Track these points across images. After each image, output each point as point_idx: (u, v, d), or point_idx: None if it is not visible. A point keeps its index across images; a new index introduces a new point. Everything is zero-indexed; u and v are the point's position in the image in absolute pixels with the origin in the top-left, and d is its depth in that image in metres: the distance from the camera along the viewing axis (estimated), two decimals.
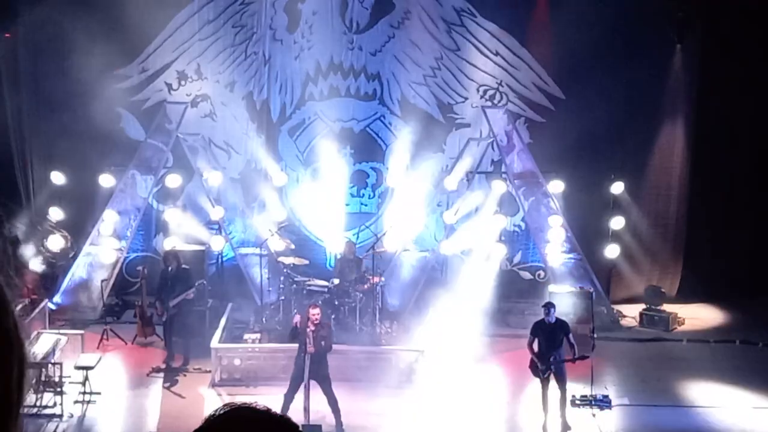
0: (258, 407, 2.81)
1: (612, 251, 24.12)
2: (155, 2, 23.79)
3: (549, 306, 18.10)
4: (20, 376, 2.71)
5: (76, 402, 18.59)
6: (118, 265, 23.82)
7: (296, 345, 17.71)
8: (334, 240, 24.14)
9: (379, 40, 24.66)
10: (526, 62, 24.61)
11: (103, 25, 23.16)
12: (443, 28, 24.54)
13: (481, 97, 24.71)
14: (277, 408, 2.90)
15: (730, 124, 23.73)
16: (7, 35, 23.76)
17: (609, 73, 23.41)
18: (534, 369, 17.97)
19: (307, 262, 22.74)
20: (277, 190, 24.86)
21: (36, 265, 22.75)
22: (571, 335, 17.90)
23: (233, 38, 24.62)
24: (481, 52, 24.57)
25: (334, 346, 19.95)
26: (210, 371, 20.03)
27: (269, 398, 17.74)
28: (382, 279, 22.29)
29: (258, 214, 24.75)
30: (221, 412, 2.78)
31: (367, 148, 25.05)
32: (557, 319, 17.98)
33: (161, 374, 20.34)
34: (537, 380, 17.99)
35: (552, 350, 17.75)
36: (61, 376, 18.67)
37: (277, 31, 24.59)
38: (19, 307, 19.85)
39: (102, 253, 23.74)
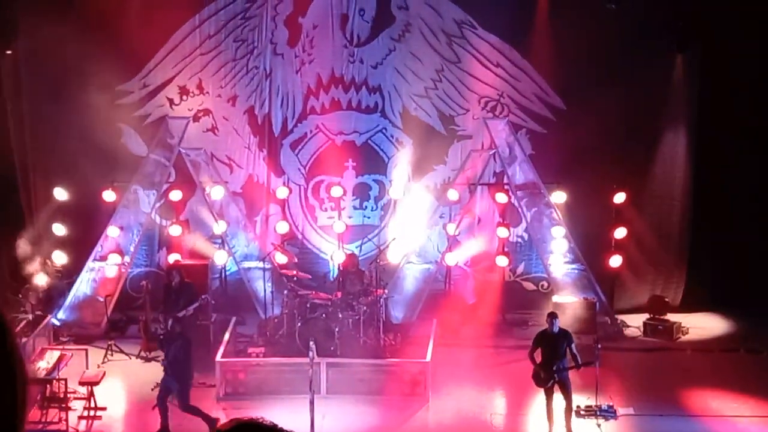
0: (264, 422, 2.82)
1: (615, 261, 24.07)
2: (156, 18, 23.83)
3: (553, 316, 18.10)
4: (23, 396, 2.72)
5: (80, 418, 18.60)
6: (122, 281, 23.82)
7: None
8: (337, 253, 24.13)
9: (380, 52, 24.69)
10: (527, 73, 24.61)
11: (104, 40, 23.18)
12: (444, 40, 24.56)
13: (483, 108, 24.71)
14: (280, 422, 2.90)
15: (732, 133, 23.70)
16: (8, 52, 23.79)
17: (610, 83, 23.38)
18: (537, 379, 17.97)
19: (309, 276, 22.72)
20: (280, 204, 24.87)
21: (40, 281, 22.74)
22: (574, 345, 17.90)
23: (234, 53, 24.65)
24: (482, 64, 24.57)
25: (339, 360, 20.04)
26: (214, 385, 20.03)
27: (274, 412, 17.74)
28: (386, 291, 22.27)
29: (260, 228, 24.78)
30: (228, 427, 2.78)
31: (370, 161, 25.05)
32: (560, 329, 17.99)
33: None
34: (541, 391, 18.00)
35: (555, 360, 17.75)
36: (65, 392, 18.70)
37: (278, 45, 24.62)
38: (23, 323, 20.01)
39: (105, 269, 23.75)
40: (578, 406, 18.52)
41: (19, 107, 24.14)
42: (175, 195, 24.14)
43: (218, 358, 20.18)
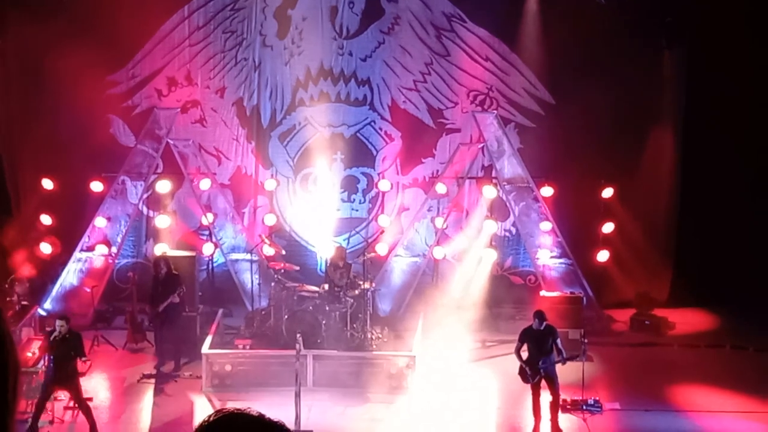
0: (251, 412, 2.81)
1: (602, 256, 24.11)
2: (145, 8, 23.78)
3: (540, 316, 17.99)
4: (14, 382, 2.71)
5: (66, 408, 18.55)
6: (109, 272, 23.77)
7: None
8: (324, 245, 24.12)
9: (369, 45, 24.67)
10: (516, 67, 24.62)
11: (93, 31, 23.12)
12: (433, 33, 24.55)
13: (471, 102, 24.71)
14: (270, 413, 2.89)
15: (719, 130, 23.73)
16: None
17: (599, 78, 23.39)
18: (523, 375, 17.96)
19: (297, 268, 22.71)
20: (268, 196, 24.85)
21: (27, 271, 22.68)
22: (559, 340, 17.88)
23: (223, 44, 24.61)
24: (471, 58, 24.57)
25: (325, 352, 20.01)
26: (201, 377, 20.01)
27: (260, 404, 17.71)
28: (373, 284, 22.26)
29: (248, 220, 24.77)
30: (214, 417, 2.77)
31: (358, 154, 25.03)
32: (546, 325, 17.96)
33: (152, 380, 20.32)
34: (528, 385, 17.99)
35: (541, 355, 17.74)
36: None
37: (267, 37, 24.59)
38: (9, 313, 19.90)
39: (92, 260, 23.70)
40: (564, 400, 18.53)
41: (7, 97, 24.06)
42: (163, 186, 24.09)
43: (205, 349, 20.16)
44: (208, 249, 23.77)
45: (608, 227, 24.11)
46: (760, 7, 23.43)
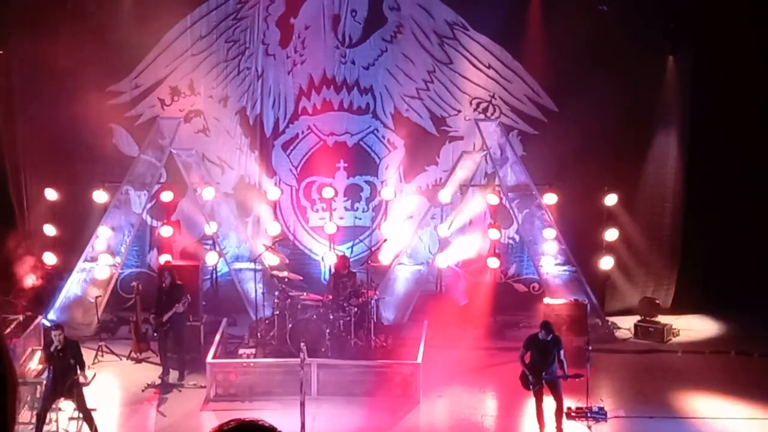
0: (264, 424, 2.81)
1: (606, 263, 24.09)
2: (148, 18, 23.81)
3: (547, 328, 17.92)
4: (13, 397, 2.72)
5: (71, 419, 18.54)
6: (113, 281, 23.77)
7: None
8: (328, 254, 24.13)
9: (372, 53, 24.68)
10: (519, 75, 24.62)
11: (96, 41, 23.16)
12: (435, 41, 24.56)
13: (474, 109, 24.72)
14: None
15: (723, 135, 23.73)
16: (0, 52, 23.73)
17: (602, 85, 23.43)
18: (524, 381, 17.93)
19: (301, 278, 22.70)
20: (271, 205, 24.86)
21: (30, 281, 22.68)
22: (562, 352, 17.83)
23: (226, 53, 24.63)
24: (474, 65, 24.58)
25: (329, 361, 20.01)
26: (205, 387, 20.00)
27: (265, 413, 17.70)
28: (377, 293, 22.26)
29: (252, 229, 24.78)
30: (227, 427, 2.78)
31: (361, 162, 25.05)
32: (552, 336, 17.92)
33: (156, 390, 20.31)
34: (531, 392, 17.97)
35: (545, 366, 17.70)
36: None
37: (270, 46, 24.61)
38: (13, 324, 19.84)
39: (96, 270, 23.69)
40: (569, 408, 18.50)
41: (11, 107, 24.09)
42: (166, 196, 24.11)
43: (209, 359, 20.15)
44: (211, 258, 23.77)
45: (612, 234, 24.10)
46: (765, 9, 23.42)
